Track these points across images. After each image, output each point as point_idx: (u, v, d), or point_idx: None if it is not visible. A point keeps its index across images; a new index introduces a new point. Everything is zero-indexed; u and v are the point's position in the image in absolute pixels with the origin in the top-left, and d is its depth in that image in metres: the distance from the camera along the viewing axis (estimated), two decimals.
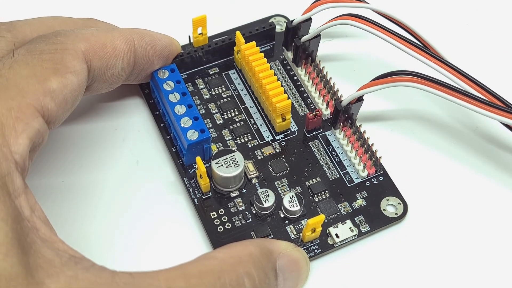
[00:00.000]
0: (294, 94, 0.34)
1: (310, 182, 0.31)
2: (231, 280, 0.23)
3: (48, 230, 0.22)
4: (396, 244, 0.30)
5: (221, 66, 0.35)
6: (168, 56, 0.31)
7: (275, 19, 0.37)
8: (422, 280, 0.29)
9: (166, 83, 0.31)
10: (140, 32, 0.30)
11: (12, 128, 0.23)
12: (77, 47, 0.26)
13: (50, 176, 0.31)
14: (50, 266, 0.21)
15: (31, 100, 0.24)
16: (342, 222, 0.30)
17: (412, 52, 0.30)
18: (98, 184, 0.31)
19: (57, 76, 0.25)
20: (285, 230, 0.29)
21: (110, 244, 0.29)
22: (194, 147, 0.30)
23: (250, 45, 0.33)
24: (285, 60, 0.35)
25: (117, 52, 0.28)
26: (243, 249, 0.24)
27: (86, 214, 0.30)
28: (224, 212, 0.30)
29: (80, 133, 0.32)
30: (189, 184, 0.31)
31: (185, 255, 0.25)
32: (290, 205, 0.29)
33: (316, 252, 0.29)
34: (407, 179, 0.31)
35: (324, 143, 0.32)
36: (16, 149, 0.22)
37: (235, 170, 0.29)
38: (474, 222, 0.30)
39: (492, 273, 0.29)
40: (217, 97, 0.34)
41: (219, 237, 0.29)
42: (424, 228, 0.30)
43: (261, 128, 0.33)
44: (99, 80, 0.28)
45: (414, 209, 0.31)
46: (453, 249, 0.30)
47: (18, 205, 0.22)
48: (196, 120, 0.30)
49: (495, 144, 0.33)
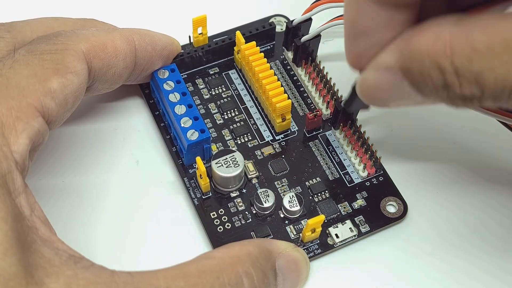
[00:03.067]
0: (294, 94, 0.34)
1: (310, 182, 0.31)
2: (230, 280, 0.23)
3: (48, 230, 0.22)
4: (396, 244, 0.30)
5: (221, 66, 0.35)
6: (168, 56, 0.31)
7: (275, 19, 0.37)
8: (422, 280, 0.29)
9: (166, 83, 0.31)
10: (141, 32, 0.30)
11: (12, 128, 0.23)
12: (78, 47, 0.27)
13: (50, 176, 0.31)
14: (50, 265, 0.21)
15: (31, 100, 0.24)
16: (342, 222, 0.30)
17: None
18: (98, 184, 0.31)
19: (57, 76, 0.25)
20: (285, 230, 0.29)
21: (109, 244, 0.29)
22: (194, 147, 0.30)
23: (250, 45, 0.33)
24: (285, 60, 0.35)
25: (118, 52, 0.28)
26: (242, 249, 0.24)
27: (86, 214, 0.30)
28: (224, 212, 0.30)
29: (80, 133, 0.33)
30: (189, 184, 0.31)
31: (185, 255, 0.25)
32: (290, 205, 0.29)
33: (316, 252, 0.29)
34: (407, 179, 0.31)
35: (324, 143, 0.32)
36: (16, 149, 0.22)
37: (235, 170, 0.29)
38: (474, 222, 0.30)
39: (492, 273, 0.29)
40: (217, 97, 0.34)
41: (219, 237, 0.29)
42: (424, 228, 0.30)
43: (261, 128, 0.33)
44: (99, 81, 0.29)
45: (414, 209, 0.31)
46: (453, 249, 0.30)
47: (18, 205, 0.22)
48: (196, 120, 0.30)
49: (494, 144, 0.33)
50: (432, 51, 0.21)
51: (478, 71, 0.20)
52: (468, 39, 0.20)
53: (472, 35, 0.20)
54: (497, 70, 0.20)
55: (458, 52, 0.21)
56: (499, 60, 0.20)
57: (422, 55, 0.22)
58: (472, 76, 0.21)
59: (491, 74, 0.20)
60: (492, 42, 0.20)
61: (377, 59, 0.23)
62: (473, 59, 0.20)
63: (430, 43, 0.21)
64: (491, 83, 0.20)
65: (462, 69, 0.21)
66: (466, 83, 0.21)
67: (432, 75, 0.22)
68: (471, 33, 0.20)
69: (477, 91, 0.21)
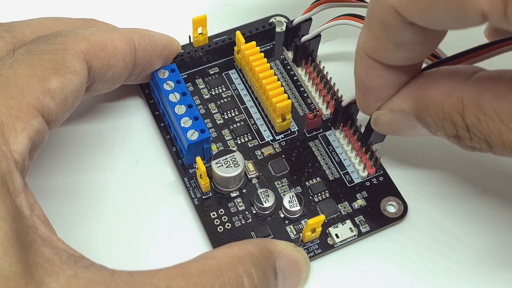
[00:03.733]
0: (294, 94, 0.34)
1: (310, 182, 0.31)
2: (230, 279, 0.23)
3: (48, 229, 0.22)
4: (396, 244, 0.30)
5: (221, 66, 0.35)
6: (168, 56, 0.31)
7: (275, 19, 0.37)
8: (422, 280, 0.29)
9: (166, 83, 0.31)
10: (140, 32, 0.30)
11: (12, 127, 0.23)
12: (77, 47, 0.27)
13: (50, 176, 0.31)
14: (50, 265, 0.21)
15: (31, 99, 0.24)
16: (342, 222, 0.30)
17: None
18: (98, 184, 0.31)
19: (57, 76, 0.25)
20: (285, 230, 0.29)
21: (109, 243, 0.29)
22: (194, 147, 0.30)
23: (250, 45, 0.33)
24: (285, 60, 0.35)
25: (118, 52, 0.28)
26: (242, 249, 0.24)
27: (86, 214, 0.30)
28: (224, 212, 0.30)
29: (80, 133, 0.33)
30: (189, 184, 0.31)
31: (185, 255, 0.25)
32: (290, 205, 0.29)
33: (316, 252, 0.29)
34: (407, 179, 0.31)
35: (324, 143, 0.32)
36: (16, 148, 0.22)
37: (235, 170, 0.29)
38: (474, 222, 0.30)
39: (492, 273, 0.29)
40: (217, 97, 0.34)
41: (219, 237, 0.29)
42: (424, 228, 0.30)
43: (261, 128, 0.33)
44: (99, 80, 0.29)
45: (414, 209, 0.31)
46: (453, 249, 0.30)
47: (18, 204, 0.22)
48: (196, 120, 0.30)
49: None
50: (446, 105, 0.22)
51: (488, 132, 0.21)
52: (479, 102, 0.21)
53: (483, 98, 0.21)
54: (504, 135, 0.21)
55: (468, 112, 0.22)
56: (506, 126, 0.21)
57: (437, 108, 0.23)
58: (482, 135, 0.22)
59: (499, 137, 0.21)
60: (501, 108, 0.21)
61: (392, 102, 0.25)
62: (482, 121, 0.21)
63: (444, 97, 0.22)
64: (500, 145, 0.22)
65: (472, 128, 0.22)
66: (476, 139, 0.22)
67: (445, 126, 0.23)
68: (482, 95, 0.21)
69: (486, 148, 0.22)
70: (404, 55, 0.22)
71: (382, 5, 0.21)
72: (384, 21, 0.21)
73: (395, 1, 0.20)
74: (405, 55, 0.22)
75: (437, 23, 0.20)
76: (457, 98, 0.22)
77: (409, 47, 0.22)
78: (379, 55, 0.23)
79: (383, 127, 0.26)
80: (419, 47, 0.22)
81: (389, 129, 0.26)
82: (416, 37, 0.21)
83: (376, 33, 0.22)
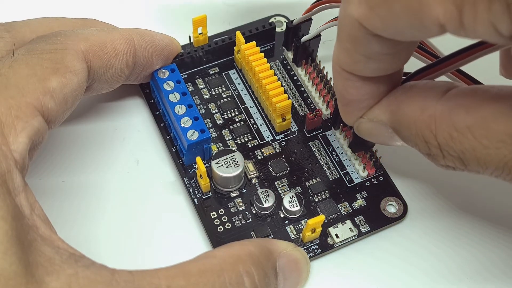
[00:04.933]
0: (294, 94, 0.34)
1: (310, 182, 0.31)
2: (231, 279, 0.23)
3: (48, 229, 0.22)
4: (396, 244, 0.30)
5: (221, 66, 0.35)
6: (168, 56, 0.31)
7: (275, 19, 0.37)
8: (422, 280, 0.29)
9: (166, 83, 0.31)
10: (140, 32, 0.30)
11: (11, 127, 0.23)
12: (77, 47, 0.27)
13: (50, 176, 0.31)
14: (50, 264, 0.21)
15: (31, 99, 0.24)
16: (342, 222, 0.30)
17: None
18: (98, 184, 0.31)
19: (57, 75, 0.25)
20: (285, 230, 0.29)
21: (110, 243, 0.29)
22: (194, 147, 0.30)
23: (250, 45, 0.33)
24: (285, 60, 0.35)
25: (117, 52, 0.28)
26: (242, 248, 0.24)
27: (86, 214, 0.30)
28: (224, 212, 0.30)
29: (80, 133, 0.32)
30: (189, 184, 0.30)
31: (185, 255, 0.25)
32: (290, 205, 0.29)
33: (316, 252, 0.29)
34: (407, 179, 0.31)
35: (324, 143, 0.32)
36: (15, 148, 0.22)
37: (235, 170, 0.29)
38: (474, 222, 0.30)
39: (492, 273, 0.29)
40: (217, 97, 0.34)
41: (219, 237, 0.29)
42: (424, 228, 0.30)
43: (261, 128, 0.33)
44: (99, 80, 0.28)
45: (414, 209, 0.31)
46: (452, 249, 0.30)
47: (18, 203, 0.22)
48: (196, 120, 0.30)
49: None
50: (419, 122, 0.22)
51: (461, 150, 0.21)
52: (452, 118, 0.21)
53: (455, 115, 0.21)
54: (478, 151, 0.21)
55: (441, 130, 0.22)
56: (480, 142, 0.21)
57: (409, 125, 0.23)
58: (455, 153, 0.22)
59: (473, 154, 0.21)
60: (474, 125, 0.21)
61: (372, 112, 0.25)
62: (455, 138, 0.21)
63: (417, 114, 0.22)
64: (474, 162, 0.21)
65: (445, 146, 0.22)
66: (449, 157, 0.22)
67: (418, 143, 0.23)
68: (455, 112, 0.21)
69: (461, 166, 0.22)
70: (376, 66, 0.22)
71: (347, 18, 0.21)
72: (351, 34, 0.21)
73: (357, 14, 0.20)
74: (377, 66, 0.22)
75: (400, 34, 0.20)
76: (429, 115, 0.22)
77: (379, 58, 0.22)
78: (351, 67, 0.23)
79: (365, 135, 0.26)
80: (389, 58, 0.22)
81: (370, 137, 0.26)
82: (385, 48, 0.21)
83: (346, 46, 0.22)
